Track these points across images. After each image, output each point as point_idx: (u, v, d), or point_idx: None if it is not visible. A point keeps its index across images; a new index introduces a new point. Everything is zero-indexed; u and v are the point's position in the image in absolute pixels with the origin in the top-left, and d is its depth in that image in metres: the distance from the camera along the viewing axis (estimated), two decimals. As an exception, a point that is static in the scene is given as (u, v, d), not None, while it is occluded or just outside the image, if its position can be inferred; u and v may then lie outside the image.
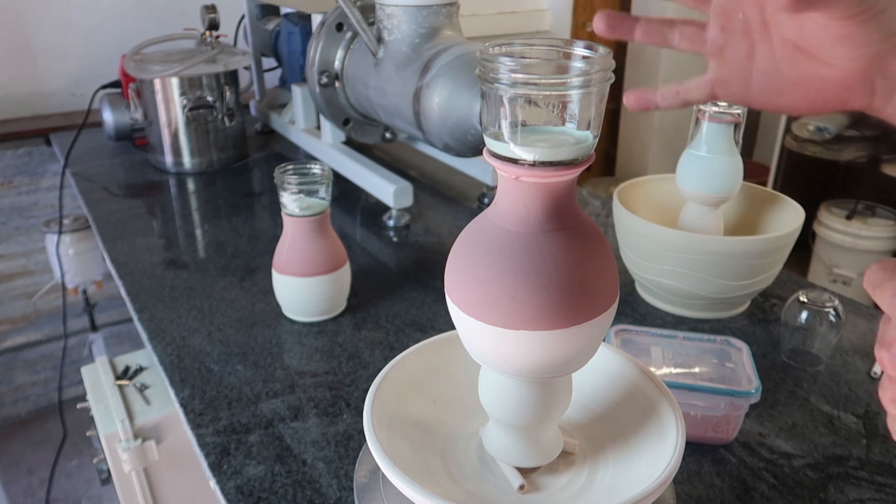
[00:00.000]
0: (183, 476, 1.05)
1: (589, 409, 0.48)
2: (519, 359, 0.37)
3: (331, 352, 0.74)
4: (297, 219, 0.75)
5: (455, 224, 1.08)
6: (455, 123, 0.85)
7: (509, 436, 0.42)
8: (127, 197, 1.23)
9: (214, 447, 0.60)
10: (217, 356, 0.73)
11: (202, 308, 0.83)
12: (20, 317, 1.78)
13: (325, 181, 0.75)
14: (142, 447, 1.00)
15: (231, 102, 1.30)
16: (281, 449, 0.60)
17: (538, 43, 0.36)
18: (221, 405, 0.65)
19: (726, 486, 0.55)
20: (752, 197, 0.86)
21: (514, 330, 0.36)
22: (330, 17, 1.06)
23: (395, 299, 0.84)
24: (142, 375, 1.10)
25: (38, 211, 1.70)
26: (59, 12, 1.62)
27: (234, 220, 1.09)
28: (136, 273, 0.92)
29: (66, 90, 1.69)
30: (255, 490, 0.56)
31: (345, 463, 0.58)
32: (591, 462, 0.44)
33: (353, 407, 0.65)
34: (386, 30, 0.95)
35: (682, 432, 0.40)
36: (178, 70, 1.22)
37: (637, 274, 0.81)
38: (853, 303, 0.83)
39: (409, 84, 0.90)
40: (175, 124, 1.28)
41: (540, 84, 0.33)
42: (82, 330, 1.83)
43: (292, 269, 0.76)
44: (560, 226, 0.36)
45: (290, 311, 0.80)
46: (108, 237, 1.04)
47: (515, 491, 0.42)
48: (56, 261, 1.57)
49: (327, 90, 1.08)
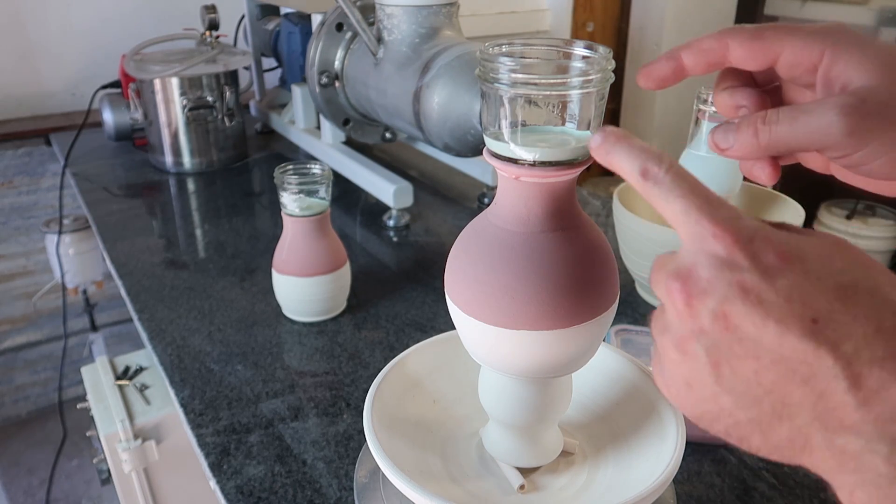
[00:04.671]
0: (183, 476, 1.05)
1: (589, 409, 0.48)
2: (519, 359, 0.37)
3: (331, 352, 0.74)
4: (297, 219, 0.75)
5: (455, 224, 1.08)
6: (455, 123, 0.85)
7: (509, 436, 0.42)
8: (127, 197, 1.23)
9: (214, 447, 0.60)
10: (217, 356, 0.73)
11: (202, 308, 0.83)
12: (20, 317, 1.78)
13: (325, 181, 0.75)
14: (142, 447, 1.00)
15: (231, 102, 1.30)
16: (281, 449, 0.60)
17: (538, 43, 0.36)
18: (221, 405, 0.65)
19: (726, 486, 0.55)
20: (752, 197, 0.86)
21: (514, 330, 0.36)
22: (330, 17, 1.06)
23: (395, 299, 0.84)
24: (142, 375, 1.10)
25: (38, 211, 1.70)
26: (59, 12, 1.62)
27: (234, 220, 1.09)
28: (136, 273, 0.92)
29: (66, 90, 1.69)
30: (256, 490, 0.56)
31: (345, 463, 0.58)
32: (591, 462, 0.44)
33: (353, 407, 0.65)
34: (386, 30, 0.95)
35: (682, 432, 0.40)
36: (178, 70, 1.22)
37: (637, 274, 0.81)
38: (853, 303, 0.83)
39: (409, 84, 0.90)
40: (175, 124, 1.28)
41: (540, 84, 0.33)
42: (82, 330, 1.83)
43: (292, 269, 0.76)
44: (560, 226, 0.36)
45: (290, 311, 0.80)
46: (108, 237, 1.04)
47: (515, 491, 0.42)
48: (56, 261, 1.57)
49: (327, 90, 1.08)
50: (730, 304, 0.24)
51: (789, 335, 0.23)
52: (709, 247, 0.24)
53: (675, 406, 0.28)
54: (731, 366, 0.24)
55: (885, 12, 2.08)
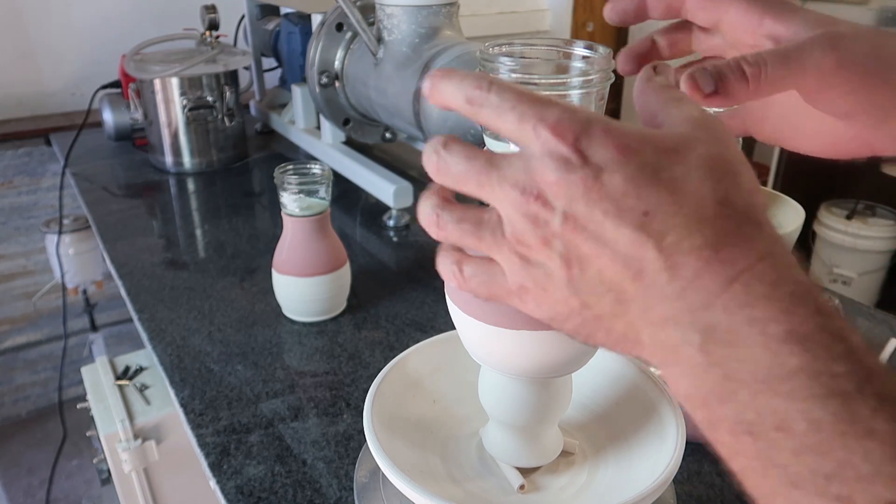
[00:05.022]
0: (183, 476, 1.05)
1: (589, 409, 0.48)
2: (519, 359, 0.37)
3: (331, 352, 0.74)
4: (297, 219, 0.75)
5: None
6: (455, 123, 0.85)
7: (509, 436, 0.42)
8: (127, 197, 1.23)
9: (214, 447, 0.60)
10: (217, 356, 0.73)
11: (202, 308, 0.83)
12: (20, 317, 1.78)
13: (325, 181, 0.75)
14: (142, 447, 1.00)
15: (231, 102, 1.30)
16: (281, 449, 0.60)
17: (538, 43, 0.36)
18: (221, 405, 0.66)
19: (726, 485, 0.55)
20: (752, 197, 0.86)
21: (514, 330, 0.36)
22: (330, 17, 1.06)
23: (395, 299, 0.84)
24: (142, 375, 1.10)
25: (38, 211, 1.70)
26: (60, 12, 1.62)
27: (234, 220, 1.09)
28: (136, 273, 0.92)
29: (66, 90, 1.69)
30: (256, 490, 0.56)
31: (345, 463, 0.58)
32: (591, 462, 0.44)
33: (353, 407, 0.65)
34: (386, 30, 0.95)
35: (682, 432, 0.40)
36: (178, 70, 1.22)
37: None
38: (853, 303, 0.83)
39: (409, 84, 0.90)
40: (175, 124, 1.28)
41: (540, 84, 0.33)
42: (82, 330, 1.83)
43: (292, 269, 0.76)
44: (560, 226, 0.36)
45: (290, 311, 0.80)
46: (108, 237, 1.04)
47: (515, 491, 0.42)
48: (56, 261, 1.57)
49: (327, 90, 1.08)
50: (575, 204, 0.24)
51: (623, 229, 0.23)
52: (548, 149, 0.24)
53: (526, 312, 0.28)
54: (580, 266, 0.25)
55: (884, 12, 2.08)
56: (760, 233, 0.23)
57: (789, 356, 0.21)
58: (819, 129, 0.35)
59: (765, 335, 0.22)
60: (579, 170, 0.23)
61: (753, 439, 0.22)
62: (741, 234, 0.23)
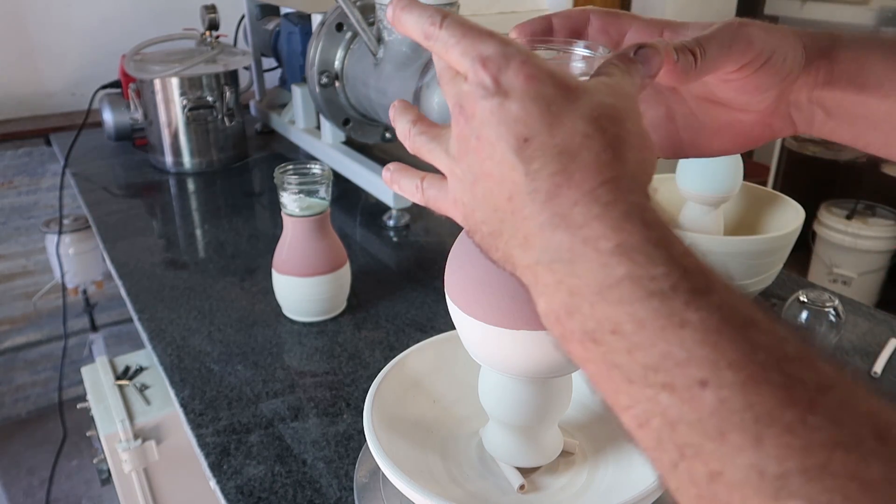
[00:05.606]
0: (183, 476, 1.05)
1: (589, 409, 0.48)
2: (519, 359, 0.37)
3: (331, 352, 0.74)
4: (297, 219, 0.75)
5: (455, 224, 1.08)
6: (455, 123, 0.85)
7: (509, 436, 0.42)
8: (127, 197, 1.23)
9: (214, 447, 0.60)
10: (217, 356, 0.73)
11: (202, 308, 0.83)
12: (20, 317, 1.78)
13: (325, 181, 0.75)
14: (142, 447, 1.00)
15: (231, 102, 1.30)
16: (281, 449, 0.60)
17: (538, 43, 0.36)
18: (221, 405, 0.66)
19: (726, 486, 0.55)
20: (752, 197, 0.86)
21: (514, 330, 0.36)
22: (330, 17, 1.06)
23: (395, 299, 0.84)
24: (142, 375, 1.10)
25: (38, 211, 1.70)
26: (60, 12, 1.62)
27: (234, 220, 1.09)
28: (136, 273, 0.92)
29: (66, 90, 1.69)
30: (256, 490, 0.56)
31: (345, 463, 0.58)
32: (591, 462, 0.44)
33: (353, 407, 0.65)
34: (386, 30, 0.95)
35: (682, 432, 0.40)
36: (178, 70, 1.22)
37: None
38: (853, 303, 0.83)
39: (409, 84, 0.90)
40: (175, 124, 1.28)
41: (540, 84, 0.33)
42: (82, 330, 1.83)
43: (292, 269, 0.76)
44: (560, 226, 0.36)
45: (290, 311, 0.80)
46: (108, 237, 1.04)
47: (515, 491, 0.42)
48: (56, 261, 1.57)
49: (327, 90, 1.08)
50: (484, 126, 0.26)
51: (507, 153, 0.25)
52: (477, 79, 0.26)
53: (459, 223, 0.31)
54: (481, 184, 0.27)
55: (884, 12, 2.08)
56: (615, 161, 0.25)
57: (616, 266, 0.23)
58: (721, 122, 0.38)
59: (597, 251, 0.23)
60: (492, 96, 0.26)
61: (596, 346, 0.23)
62: (597, 161, 0.24)
